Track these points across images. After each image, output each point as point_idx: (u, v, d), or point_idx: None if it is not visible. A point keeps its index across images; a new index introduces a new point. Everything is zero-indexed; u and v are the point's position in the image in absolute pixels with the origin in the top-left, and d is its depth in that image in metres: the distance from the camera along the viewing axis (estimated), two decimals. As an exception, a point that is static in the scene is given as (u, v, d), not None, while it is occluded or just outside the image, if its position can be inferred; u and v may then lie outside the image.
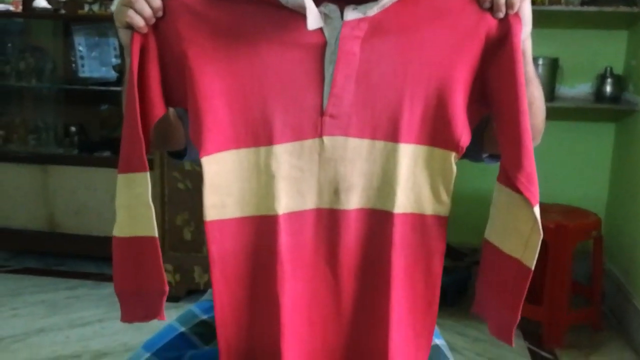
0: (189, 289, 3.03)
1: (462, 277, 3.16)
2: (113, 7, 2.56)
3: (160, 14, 1.00)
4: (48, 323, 2.86)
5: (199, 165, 1.02)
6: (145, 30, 0.99)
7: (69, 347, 2.64)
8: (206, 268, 2.99)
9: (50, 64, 3.67)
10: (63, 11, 3.50)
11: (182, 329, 1.30)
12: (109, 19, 3.15)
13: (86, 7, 3.40)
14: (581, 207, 2.98)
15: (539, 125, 1.09)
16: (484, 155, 1.19)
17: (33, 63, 3.61)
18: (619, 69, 3.18)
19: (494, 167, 1.04)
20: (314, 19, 0.97)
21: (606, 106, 3.12)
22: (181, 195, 2.99)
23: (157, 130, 1.06)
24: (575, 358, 2.65)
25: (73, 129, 3.62)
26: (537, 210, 0.97)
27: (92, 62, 3.66)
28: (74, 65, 3.66)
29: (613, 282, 3.09)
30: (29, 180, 3.51)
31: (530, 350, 2.69)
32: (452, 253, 3.20)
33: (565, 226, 2.69)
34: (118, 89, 3.40)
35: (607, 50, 3.22)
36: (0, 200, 3.56)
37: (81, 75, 3.66)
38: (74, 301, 3.10)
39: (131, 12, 0.98)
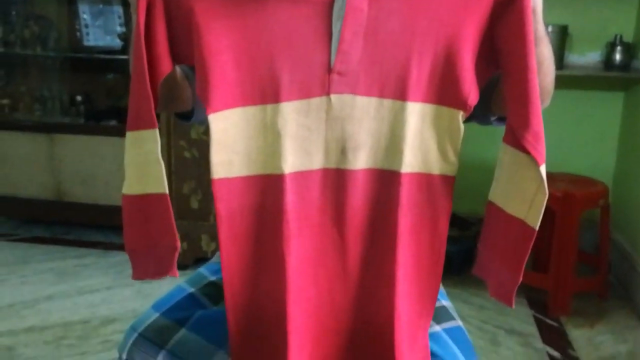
0: (197, 257, 3.05)
1: (469, 246, 3.16)
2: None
3: None
4: (57, 290, 2.88)
5: (206, 128, 1.01)
6: None
7: (77, 313, 2.67)
8: (213, 236, 3.01)
9: (55, 32, 3.65)
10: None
11: (191, 290, 1.31)
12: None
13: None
14: (589, 176, 2.97)
15: (548, 86, 1.08)
16: (492, 118, 1.18)
17: (37, 31, 3.59)
18: (629, 37, 3.14)
19: (501, 136, 1.03)
20: None
21: (615, 74, 3.10)
22: (188, 164, 2.99)
23: (163, 89, 1.05)
24: (580, 326, 2.66)
25: (79, 98, 3.61)
26: (543, 169, 0.97)
27: (97, 30, 3.64)
28: (78, 33, 3.64)
29: (619, 252, 3.09)
30: (35, 150, 3.51)
31: (535, 318, 2.70)
32: (459, 222, 3.20)
33: (572, 195, 2.68)
34: (123, 57, 3.39)
35: (617, 17, 3.18)
36: (7, 169, 3.57)
37: (86, 43, 3.65)
38: (82, 269, 3.12)
39: None
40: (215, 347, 1.18)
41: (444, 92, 1.01)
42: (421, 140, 1.02)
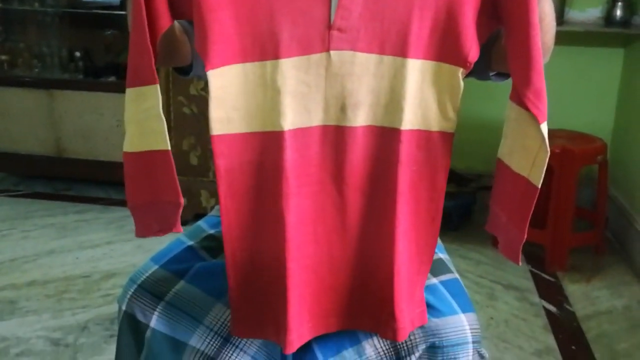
0: (196, 213, 3.07)
1: (467, 202, 3.18)
2: None
3: None
4: (58, 245, 2.91)
5: (205, 82, 1.00)
6: None
7: (78, 267, 2.70)
8: (213, 192, 3.02)
9: (54, -14, 3.62)
10: None
11: (190, 243, 1.32)
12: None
13: None
14: (587, 133, 2.98)
15: (549, 42, 1.07)
16: (491, 73, 1.18)
17: (36, -15, 3.56)
18: (630, -8, 3.11)
19: (500, 94, 1.03)
20: None
21: (616, 30, 3.08)
22: (187, 119, 2.99)
23: (162, 44, 1.04)
24: (576, 281, 2.69)
25: (78, 54, 3.58)
26: (544, 127, 0.97)
27: (96, -15, 3.60)
28: (77, -13, 3.60)
29: (617, 208, 3.11)
30: (34, 105, 3.50)
31: (532, 273, 2.73)
32: (457, 178, 3.21)
33: (570, 150, 2.69)
34: (122, 12, 3.36)
35: (619, -28, 3.14)
36: (7, 124, 3.57)
37: (84, -1, 3.61)
38: (83, 224, 3.15)
39: None
40: (214, 299, 1.19)
41: (444, 49, 1.00)
42: (421, 97, 1.02)
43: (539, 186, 0.99)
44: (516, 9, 0.96)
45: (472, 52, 1.00)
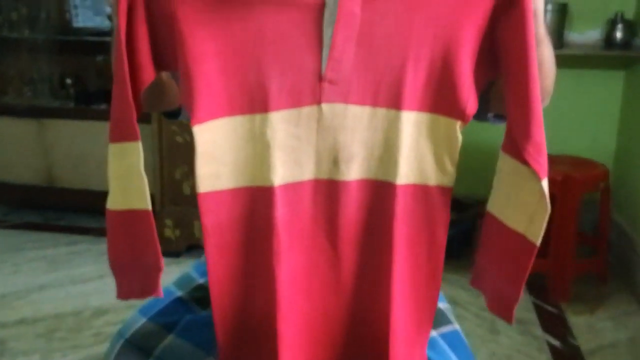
0: (189, 244, 3.01)
1: (466, 228, 3.13)
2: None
3: None
4: (49, 279, 2.85)
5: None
6: None
7: (69, 303, 2.63)
8: (207, 222, 2.96)
9: (44, 13, 3.58)
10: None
11: (180, 293, 1.28)
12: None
13: (78, -45, 3.30)
14: (588, 157, 2.92)
15: (548, 87, 1.03)
16: (490, 115, 1.12)
17: (26, 13, 3.51)
18: (629, 14, 3.07)
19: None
20: None
21: (616, 53, 3.03)
22: (180, 148, 2.94)
23: (149, 91, 0.99)
24: (580, 312, 2.63)
25: (69, 80, 3.55)
26: (545, 183, 0.91)
27: (86, 11, 3.56)
28: (67, 14, 3.56)
29: (619, 232, 3.05)
30: (25, 134, 3.47)
31: (535, 305, 2.67)
32: (456, 204, 3.16)
33: (572, 178, 2.63)
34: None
35: (618, -6, 3.11)
36: (-2, 153, 3.53)
37: (75, 25, 3.57)
38: (75, 257, 3.09)
39: None
40: (204, 353, 1.14)
41: (440, 101, 0.95)
42: (417, 150, 0.97)
43: (538, 244, 0.93)
44: (514, 60, 0.91)
45: (470, 104, 0.95)
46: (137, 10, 0.93)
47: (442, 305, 1.28)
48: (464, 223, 3.12)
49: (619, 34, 3.02)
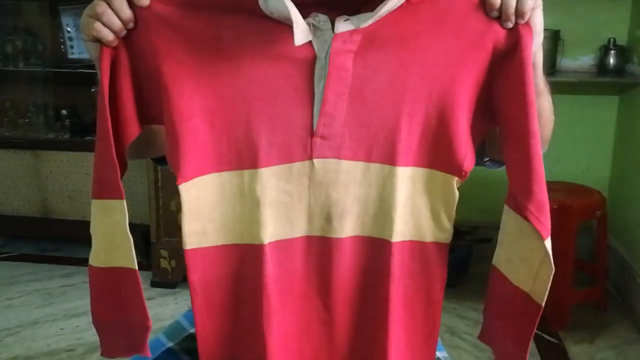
0: (185, 275, 2.97)
1: (463, 255, 3.10)
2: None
3: (131, 25, 0.90)
4: (42, 314, 2.82)
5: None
6: (115, 43, 0.90)
7: (63, 340, 2.60)
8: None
9: (39, 46, 3.58)
10: (48, -9, 3.40)
11: (170, 344, 1.24)
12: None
13: (72, -13, 3.30)
14: (584, 184, 2.90)
15: (547, 136, 1.02)
16: (485, 160, 1.10)
17: (21, 45, 3.52)
18: (622, 40, 3.07)
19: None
20: (301, 33, 0.87)
21: (609, 80, 3.03)
22: (175, 179, 2.91)
23: (135, 141, 0.97)
24: (580, 341, 2.60)
25: (64, 112, 3.54)
26: (548, 243, 0.89)
27: (81, 43, 3.50)
28: (62, 47, 3.56)
29: (616, 259, 3.03)
30: (21, 165, 3.45)
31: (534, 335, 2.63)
32: (453, 231, 3.13)
33: (569, 206, 2.62)
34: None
35: (611, 20, 3.11)
36: (-8, 185, 3.51)
37: (70, 57, 3.56)
38: (69, 289, 3.06)
39: (98, 25, 0.88)
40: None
41: (436, 156, 0.93)
42: (412, 206, 0.95)
43: (543, 304, 0.90)
44: (513, 116, 0.89)
45: (467, 159, 0.93)
46: (121, 64, 0.91)
47: (441, 354, 1.24)
48: (461, 250, 3.09)
49: (612, 60, 3.02)
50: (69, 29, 3.52)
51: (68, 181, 3.41)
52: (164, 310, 2.82)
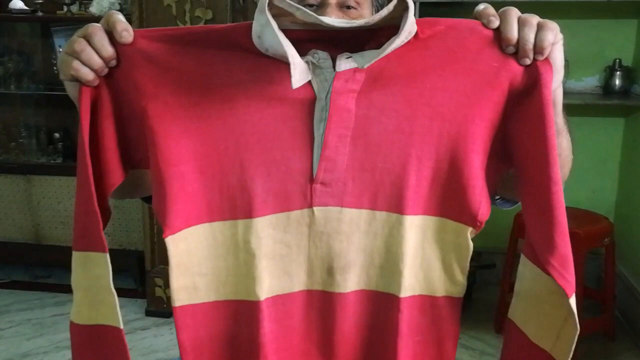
0: (181, 304, 2.90)
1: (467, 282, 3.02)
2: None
3: (113, 63, 0.84)
4: (33, 345, 2.74)
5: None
6: (95, 83, 0.83)
7: (54, 374, 2.51)
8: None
9: (31, 67, 3.51)
10: (41, 13, 3.33)
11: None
12: (88, 20, 2.99)
13: (64, 8, 3.22)
14: (590, 209, 2.82)
15: (565, 176, 0.95)
16: (497, 197, 1.03)
17: (12, 67, 3.44)
18: (628, 61, 3.01)
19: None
20: (299, 74, 0.80)
21: (615, 102, 2.96)
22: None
23: (120, 185, 0.89)
24: (589, 374, 2.51)
25: (57, 135, 3.46)
26: (573, 301, 0.80)
27: (74, 65, 3.49)
28: (55, 68, 3.48)
29: (624, 284, 2.94)
30: (12, 191, 3.38)
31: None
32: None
33: (576, 234, 2.53)
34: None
35: (616, 40, 3.04)
36: (-17, 211, 3.42)
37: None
38: (61, 319, 2.98)
39: (77, 64, 0.81)
40: None
41: (448, 204, 0.85)
42: (422, 258, 0.87)
43: None
44: (533, 161, 0.82)
45: (483, 207, 0.85)
46: (103, 105, 0.84)
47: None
48: (464, 277, 3.01)
49: (617, 81, 2.96)
50: (61, 50, 3.44)
51: (61, 206, 3.33)
52: (159, 342, 2.73)
